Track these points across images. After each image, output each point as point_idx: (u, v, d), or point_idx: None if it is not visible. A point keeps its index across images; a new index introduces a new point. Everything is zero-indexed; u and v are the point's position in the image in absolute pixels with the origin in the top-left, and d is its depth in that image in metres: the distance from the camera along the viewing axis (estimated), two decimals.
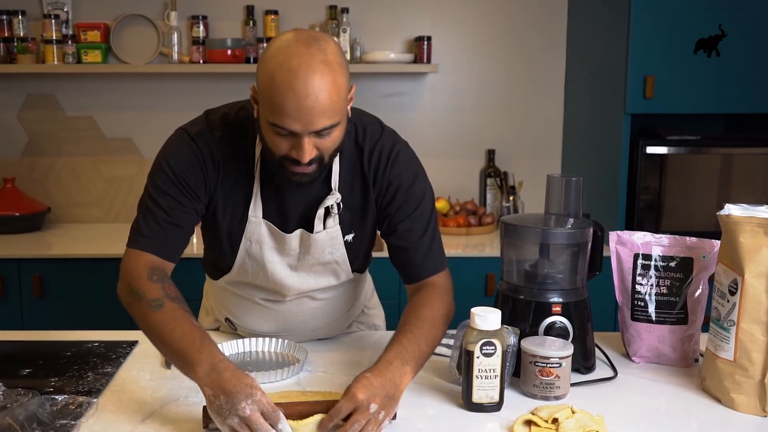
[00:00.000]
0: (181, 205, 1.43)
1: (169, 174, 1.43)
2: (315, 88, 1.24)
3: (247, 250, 1.51)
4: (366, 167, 1.48)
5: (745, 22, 2.74)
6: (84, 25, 3.10)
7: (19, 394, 1.30)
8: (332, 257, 1.53)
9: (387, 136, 1.50)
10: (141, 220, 1.45)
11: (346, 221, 1.51)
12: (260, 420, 1.15)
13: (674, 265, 1.56)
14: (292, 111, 1.25)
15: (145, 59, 3.17)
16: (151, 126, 3.30)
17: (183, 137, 1.46)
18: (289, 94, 1.24)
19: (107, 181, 3.33)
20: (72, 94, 3.25)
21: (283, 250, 1.51)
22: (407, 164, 1.50)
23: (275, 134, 1.30)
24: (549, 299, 1.50)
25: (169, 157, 1.44)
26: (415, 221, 1.50)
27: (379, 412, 1.20)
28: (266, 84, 1.27)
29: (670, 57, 2.76)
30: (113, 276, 2.72)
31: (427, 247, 1.51)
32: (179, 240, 1.45)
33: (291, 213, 1.49)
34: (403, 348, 1.33)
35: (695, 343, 1.57)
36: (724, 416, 1.34)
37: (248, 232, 1.49)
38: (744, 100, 2.80)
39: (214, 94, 3.26)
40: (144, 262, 1.41)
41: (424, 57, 3.21)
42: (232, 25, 3.25)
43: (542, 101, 3.41)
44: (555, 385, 1.36)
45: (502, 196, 3.34)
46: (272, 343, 1.59)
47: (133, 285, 1.39)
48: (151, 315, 1.34)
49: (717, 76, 2.77)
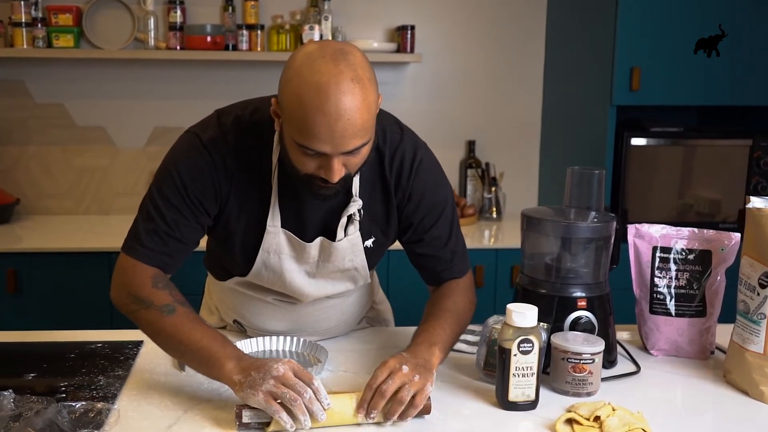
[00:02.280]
0: (185, 219, 1.36)
1: (178, 184, 1.35)
2: (347, 110, 1.17)
3: (265, 260, 1.44)
4: (388, 173, 1.42)
5: (732, 17, 2.77)
6: (55, 7, 2.96)
7: (32, 401, 1.23)
8: (352, 264, 1.47)
9: (408, 140, 1.44)
10: (141, 228, 1.37)
11: (365, 227, 1.45)
12: (294, 377, 1.18)
13: (693, 258, 1.56)
14: (323, 134, 1.18)
15: (120, 45, 3.05)
16: (125, 115, 3.18)
17: (194, 143, 1.36)
18: (318, 116, 1.17)
19: (79, 171, 3.19)
20: (42, 81, 3.10)
21: (301, 258, 1.45)
22: (430, 171, 1.46)
23: (302, 154, 1.24)
24: (573, 294, 1.48)
25: (180, 165, 1.36)
26: (440, 228, 1.48)
27: (413, 374, 1.22)
28: (293, 104, 1.20)
29: (656, 49, 2.77)
30: (91, 270, 2.67)
31: (452, 252, 1.50)
32: (179, 254, 1.39)
33: (310, 221, 1.43)
34: (428, 333, 1.38)
35: (712, 335, 1.58)
36: (752, 409, 1.34)
37: (266, 242, 1.42)
38: (727, 93, 2.84)
39: (192, 82, 3.18)
40: (144, 270, 1.36)
41: (407, 46, 3.16)
42: (210, 11, 3.14)
43: (522, 92, 3.41)
44: (588, 381, 1.35)
45: (484, 187, 3.33)
46: (290, 343, 1.53)
47: (137, 293, 1.34)
48: (164, 320, 1.31)
49: (702, 69, 2.79)
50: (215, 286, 1.66)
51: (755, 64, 2.81)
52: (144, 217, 1.37)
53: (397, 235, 1.50)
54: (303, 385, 1.17)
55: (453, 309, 1.45)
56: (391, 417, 1.21)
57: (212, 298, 1.73)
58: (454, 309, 1.45)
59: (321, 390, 1.19)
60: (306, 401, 1.16)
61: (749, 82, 2.83)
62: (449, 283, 1.51)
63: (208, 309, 1.74)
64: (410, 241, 1.50)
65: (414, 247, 1.50)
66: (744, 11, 2.77)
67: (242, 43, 3.06)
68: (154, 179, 1.39)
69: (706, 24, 2.76)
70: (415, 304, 2.30)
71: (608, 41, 2.80)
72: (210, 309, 1.74)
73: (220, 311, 1.69)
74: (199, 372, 1.31)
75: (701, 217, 2.97)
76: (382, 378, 1.22)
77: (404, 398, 1.20)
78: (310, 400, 1.17)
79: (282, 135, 1.29)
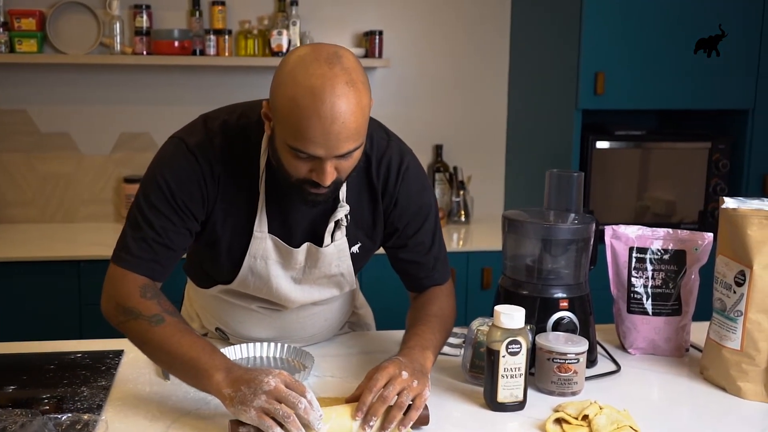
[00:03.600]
0: (174, 225, 1.34)
1: (165, 190, 1.33)
2: (341, 113, 1.17)
3: (251, 266, 1.43)
4: (375, 178, 1.42)
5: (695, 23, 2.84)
6: (17, 12, 2.90)
7: (16, 413, 1.20)
8: (338, 270, 1.47)
9: (395, 146, 1.45)
10: (129, 237, 1.35)
11: (351, 232, 1.45)
12: (286, 389, 1.15)
13: (668, 258, 1.60)
14: (317, 137, 1.18)
15: (85, 50, 3.00)
16: (91, 121, 3.13)
17: (180, 149, 1.35)
18: (313, 119, 1.17)
19: (43, 178, 3.13)
20: (4, 86, 3.03)
21: (288, 264, 1.44)
22: (416, 177, 1.46)
23: (294, 158, 1.23)
24: (554, 295, 1.50)
25: (165, 171, 1.34)
26: (424, 234, 1.49)
27: (412, 380, 1.21)
28: (287, 107, 1.19)
29: (620, 54, 2.83)
30: (58, 279, 2.61)
31: (435, 259, 1.52)
32: (169, 261, 1.37)
33: (297, 227, 1.42)
34: (420, 338, 1.38)
35: (687, 333, 1.62)
36: (731, 404, 1.38)
37: (253, 247, 1.41)
38: (688, 97, 2.91)
39: (159, 88, 3.14)
40: (133, 280, 1.34)
41: (376, 51, 3.18)
42: (177, 16, 3.11)
43: (488, 96, 3.45)
44: (573, 381, 1.37)
45: (452, 191, 3.36)
46: (276, 349, 1.52)
47: (125, 304, 1.32)
48: (153, 330, 1.29)
49: (665, 73, 2.86)
50: (196, 294, 1.65)
51: (716, 68, 2.88)
52: (131, 226, 1.35)
53: (382, 240, 1.50)
54: (296, 396, 1.14)
55: (440, 314, 1.46)
56: (390, 424, 1.18)
57: (193, 305, 1.71)
58: (440, 314, 1.46)
59: (314, 401, 1.16)
60: (301, 412, 1.13)
61: (709, 87, 2.90)
62: (432, 290, 1.53)
63: (188, 316, 1.72)
64: (394, 246, 1.50)
65: (397, 253, 1.51)
66: (709, 17, 2.84)
67: (210, 48, 3.04)
68: (140, 187, 1.38)
69: (671, 28, 2.83)
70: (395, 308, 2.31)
71: (573, 46, 2.85)
72: (190, 316, 1.72)
73: (202, 319, 1.67)
74: (188, 384, 1.29)
75: (659, 218, 3.05)
76: (382, 383, 1.20)
77: (404, 404, 1.19)
78: (306, 411, 1.13)
79: (273, 138, 1.28)
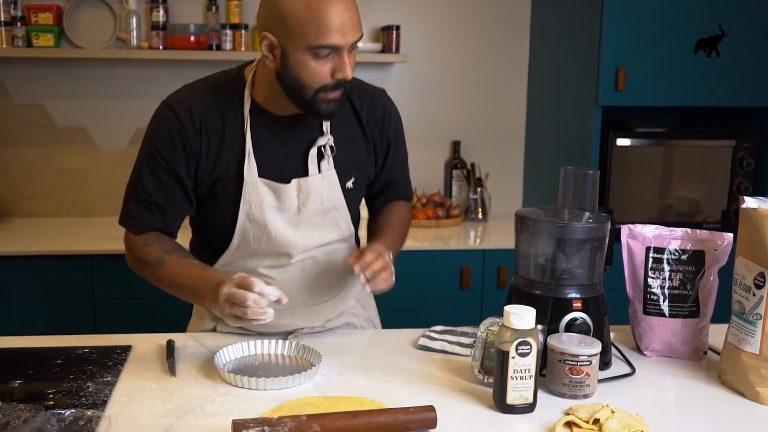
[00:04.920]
0: (164, 185, 1.50)
1: (152, 152, 1.49)
2: (347, 2, 1.38)
3: (248, 213, 1.51)
4: (363, 116, 1.60)
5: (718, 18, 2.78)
6: (35, 6, 2.90)
7: (19, 408, 1.18)
8: (331, 203, 1.56)
9: (377, 90, 1.67)
10: (129, 200, 1.54)
11: (345, 168, 1.57)
12: (238, 291, 1.33)
13: (686, 258, 1.56)
14: (337, 25, 1.35)
15: (101, 44, 3.00)
16: (107, 115, 3.13)
17: (162, 110, 1.50)
18: (330, 10, 1.35)
19: (59, 173, 3.14)
20: (21, 81, 3.04)
21: (283, 206, 1.52)
22: (398, 115, 1.69)
23: (316, 60, 1.38)
24: (568, 295, 1.47)
25: (152, 136, 1.50)
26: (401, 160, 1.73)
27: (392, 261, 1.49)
28: (302, 11, 1.35)
29: (642, 49, 2.78)
30: (72, 274, 2.62)
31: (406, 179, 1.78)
32: (170, 217, 1.54)
33: (285, 166, 1.52)
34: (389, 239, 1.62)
35: (705, 336, 1.58)
36: (748, 410, 1.34)
37: (246, 193, 1.50)
38: (711, 93, 2.86)
39: (175, 83, 3.09)
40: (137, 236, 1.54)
41: (393, 47, 3.15)
42: (193, 10, 3.11)
43: (507, 93, 3.40)
44: (585, 383, 1.34)
45: (469, 188, 3.32)
46: (282, 346, 1.51)
47: (136, 255, 1.54)
48: (159, 271, 1.50)
49: (687, 70, 2.81)
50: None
51: (739, 65, 2.83)
52: (129, 191, 1.54)
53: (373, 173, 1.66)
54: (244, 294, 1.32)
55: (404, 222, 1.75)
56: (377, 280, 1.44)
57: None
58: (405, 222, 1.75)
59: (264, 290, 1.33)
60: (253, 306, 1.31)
61: (733, 83, 2.84)
62: (397, 202, 1.76)
63: (198, 314, 1.71)
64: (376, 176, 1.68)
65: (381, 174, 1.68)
66: (730, 13, 2.79)
67: (226, 42, 3.03)
68: (138, 154, 1.54)
69: (693, 25, 2.78)
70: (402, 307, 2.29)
71: (594, 42, 2.81)
72: (199, 312, 1.71)
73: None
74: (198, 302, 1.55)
75: (681, 217, 2.99)
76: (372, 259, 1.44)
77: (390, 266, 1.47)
78: (256, 302, 1.31)
79: (286, 62, 1.40)
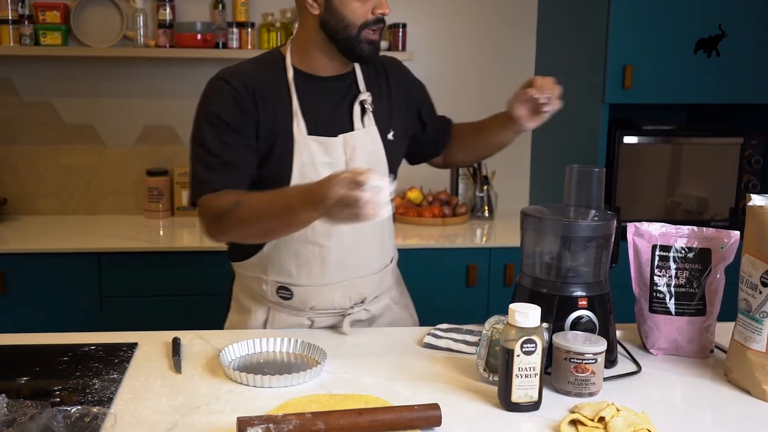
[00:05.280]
0: (231, 145, 1.55)
1: (213, 120, 1.55)
2: None
3: (301, 171, 1.59)
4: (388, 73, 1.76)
5: (725, 16, 2.77)
6: (42, 4, 2.92)
7: (26, 405, 1.19)
8: (375, 157, 1.67)
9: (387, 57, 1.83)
10: (198, 171, 1.56)
11: (383, 122, 1.70)
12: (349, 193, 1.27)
13: (692, 256, 1.56)
14: None
15: (108, 42, 3.01)
16: (114, 113, 3.14)
17: (215, 83, 1.60)
18: None
19: (66, 170, 3.15)
20: (29, 79, 3.06)
21: (332, 160, 1.61)
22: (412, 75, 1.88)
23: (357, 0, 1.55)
24: (573, 293, 1.46)
25: (210, 106, 1.58)
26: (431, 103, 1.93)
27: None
28: None
29: (649, 47, 2.77)
30: (79, 271, 2.63)
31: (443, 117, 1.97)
32: (239, 175, 1.57)
33: (331, 123, 1.63)
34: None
35: (712, 334, 1.57)
36: (754, 408, 1.33)
37: (297, 152, 1.59)
38: (719, 91, 2.84)
39: (181, 80, 3.14)
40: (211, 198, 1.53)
41: (399, 44, 3.15)
42: (200, 9, 3.11)
43: (512, 90, 3.35)
44: (590, 381, 1.33)
45: (476, 186, 3.32)
46: (287, 344, 1.51)
47: (214, 213, 1.51)
48: (238, 213, 1.48)
49: (694, 67, 2.79)
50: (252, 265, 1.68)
51: (746, 62, 2.81)
52: (196, 164, 1.57)
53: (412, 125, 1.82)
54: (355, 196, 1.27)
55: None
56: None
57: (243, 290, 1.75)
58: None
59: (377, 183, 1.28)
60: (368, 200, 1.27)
61: (740, 81, 2.83)
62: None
63: (241, 308, 1.74)
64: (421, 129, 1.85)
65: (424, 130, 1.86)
66: (737, 10, 2.77)
67: (232, 41, 3.03)
68: (193, 130, 1.59)
69: (700, 22, 2.76)
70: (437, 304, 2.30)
71: (601, 39, 2.79)
72: (242, 307, 1.74)
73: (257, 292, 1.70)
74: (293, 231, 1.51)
75: (689, 215, 2.98)
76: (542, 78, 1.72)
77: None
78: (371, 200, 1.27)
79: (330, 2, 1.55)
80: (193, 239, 2.88)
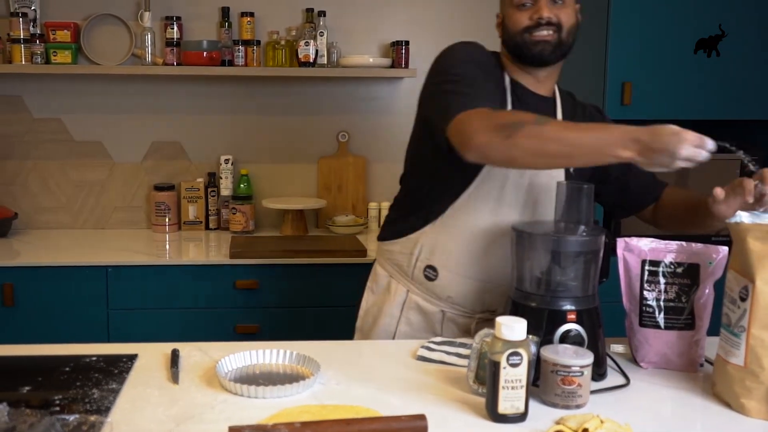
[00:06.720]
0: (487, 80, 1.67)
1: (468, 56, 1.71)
2: None
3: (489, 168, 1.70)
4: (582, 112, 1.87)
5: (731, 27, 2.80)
6: (53, 24, 3.00)
7: (26, 414, 1.24)
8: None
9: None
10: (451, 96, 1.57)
11: None
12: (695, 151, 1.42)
13: (681, 271, 1.58)
14: None
15: (117, 60, 3.08)
16: (123, 129, 3.21)
17: (458, 43, 1.75)
18: None
19: (76, 186, 3.22)
20: (40, 96, 3.14)
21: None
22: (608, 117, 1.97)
23: (519, 11, 1.68)
24: (562, 307, 1.49)
25: (462, 51, 1.73)
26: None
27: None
28: None
29: (648, 63, 2.81)
30: (87, 284, 2.68)
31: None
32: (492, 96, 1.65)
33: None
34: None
35: (701, 348, 1.59)
36: (735, 422, 1.35)
37: None
38: (719, 107, 2.87)
39: (189, 97, 3.21)
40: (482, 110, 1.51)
41: (402, 61, 3.20)
42: (206, 27, 3.18)
43: None
44: (577, 393, 1.36)
45: None
46: (281, 355, 1.54)
47: (501, 122, 1.46)
48: (545, 129, 1.44)
49: (693, 83, 2.83)
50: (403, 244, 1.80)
51: (746, 78, 2.84)
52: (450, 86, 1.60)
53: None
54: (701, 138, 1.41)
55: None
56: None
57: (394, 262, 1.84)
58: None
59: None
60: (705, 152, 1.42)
61: (739, 97, 2.86)
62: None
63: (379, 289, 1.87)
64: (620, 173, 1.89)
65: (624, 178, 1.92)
66: (737, 26, 2.80)
67: (238, 58, 3.09)
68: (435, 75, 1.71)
69: (699, 38, 2.79)
70: None
71: (600, 56, 2.83)
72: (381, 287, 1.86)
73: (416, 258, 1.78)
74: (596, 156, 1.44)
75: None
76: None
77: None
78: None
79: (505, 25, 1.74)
80: (199, 253, 2.93)
